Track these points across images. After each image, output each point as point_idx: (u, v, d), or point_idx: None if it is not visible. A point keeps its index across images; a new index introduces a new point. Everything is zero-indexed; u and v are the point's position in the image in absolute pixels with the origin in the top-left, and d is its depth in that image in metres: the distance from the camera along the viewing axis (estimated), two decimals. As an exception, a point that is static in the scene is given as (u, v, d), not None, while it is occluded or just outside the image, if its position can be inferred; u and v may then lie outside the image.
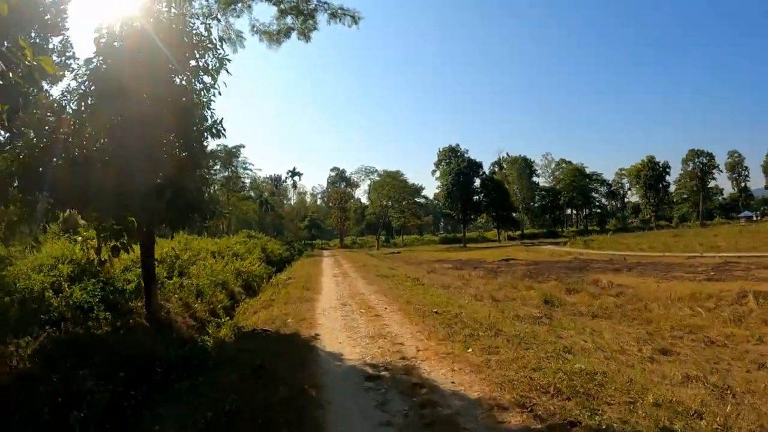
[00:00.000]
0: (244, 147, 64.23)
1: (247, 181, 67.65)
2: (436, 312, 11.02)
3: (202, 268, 18.77)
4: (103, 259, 11.23)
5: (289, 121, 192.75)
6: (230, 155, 63.21)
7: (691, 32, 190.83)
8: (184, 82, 9.95)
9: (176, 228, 11.57)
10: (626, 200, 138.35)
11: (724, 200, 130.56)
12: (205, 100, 10.40)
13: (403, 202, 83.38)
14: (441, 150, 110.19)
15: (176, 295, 13.67)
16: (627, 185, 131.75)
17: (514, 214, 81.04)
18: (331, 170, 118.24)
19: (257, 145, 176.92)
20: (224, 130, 10.60)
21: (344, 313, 11.78)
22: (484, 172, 78.00)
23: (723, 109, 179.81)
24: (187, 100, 9.70)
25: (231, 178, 64.70)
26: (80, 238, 11.56)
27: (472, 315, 11.00)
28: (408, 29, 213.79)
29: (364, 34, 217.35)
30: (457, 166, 75.34)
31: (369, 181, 77.56)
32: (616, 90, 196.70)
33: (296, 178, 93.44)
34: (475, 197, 73.17)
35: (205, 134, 10.43)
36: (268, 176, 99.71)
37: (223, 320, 12.45)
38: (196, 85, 9.92)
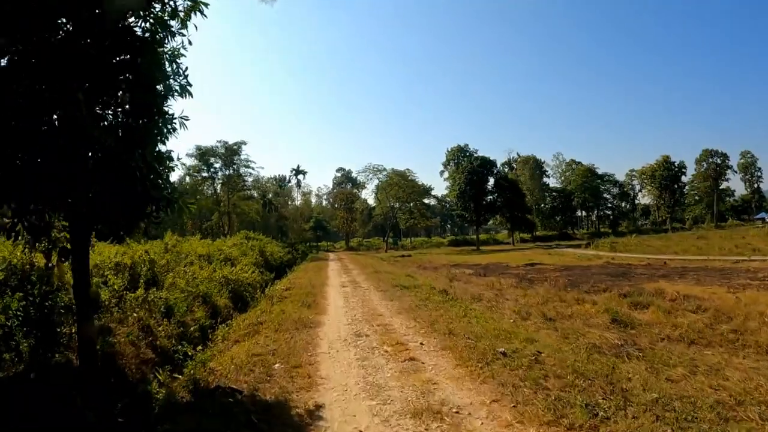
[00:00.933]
0: (245, 144, 60.76)
1: (249, 179, 63.91)
2: (502, 353, 7.21)
3: (181, 275, 15.14)
4: (51, 264, 7.86)
5: (293, 120, 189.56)
6: (231, 152, 59.59)
7: (704, 29, 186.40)
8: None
9: (123, 229, 7.87)
10: (636, 202, 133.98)
11: (735, 202, 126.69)
12: (168, 48, 6.84)
13: (411, 204, 79.52)
14: (449, 150, 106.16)
15: (135, 314, 10.01)
16: (637, 186, 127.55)
17: (528, 216, 76.72)
18: (337, 171, 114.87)
19: (261, 145, 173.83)
20: (191, 86, 6.96)
21: (360, 354, 7.98)
22: (498, 171, 73.22)
23: (731, 109, 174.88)
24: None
25: (232, 177, 61.07)
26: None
27: (556, 355, 7.24)
28: (417, 28, 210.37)
29: (370, 33, 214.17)
30: (470, 165, 70.74)
31: (377, 181, 73.28)
32: (625, 88, 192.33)
33: (300, 176, 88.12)
34: (489, 197, 68.35)
35: (168, 92, 6.82)
36: (272, 176, 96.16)
37: (190, 353, 8.82)
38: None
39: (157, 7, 6.41)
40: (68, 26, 5.77)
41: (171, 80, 6.74)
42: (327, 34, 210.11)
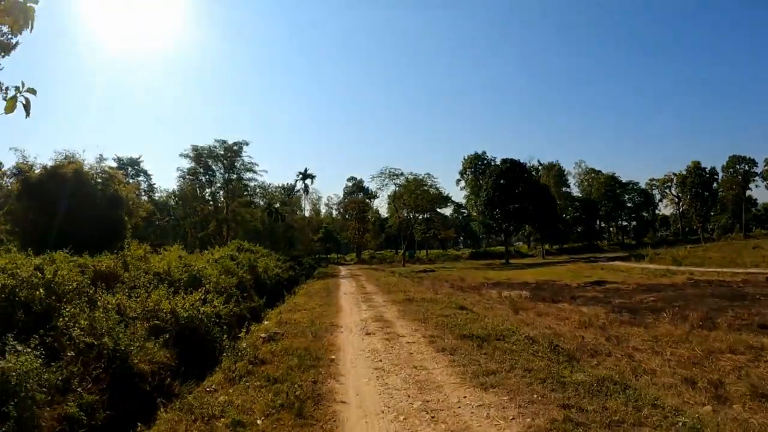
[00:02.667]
0: (247, 144, 53.24)
1: (252, 184, 56.30)
2: None
3: (84, 316, 7.90)
4: None
5: (301, 129, 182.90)
6: (231, 152, 52.25)
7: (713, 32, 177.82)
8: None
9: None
10: (657, 211, 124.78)
11: (758, 211, 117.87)
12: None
13: (428, 214, 71.64)
14: (466, 158, 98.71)
15: None
16: (658, 195, 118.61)
17: (559, 225, 68.33)
18: (348, 180, 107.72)
19: (268, 154, 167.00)
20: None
21: None
22: (530, 176, 64.15)
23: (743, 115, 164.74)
24: None
25: (232, 181, 53.67)
26: None
27: None
28: (425, 35, 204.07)
29: (377, 37, 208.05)
30: (498, 169, 62.09)
31: (393, 187, 65.06)
32: (635, 93, 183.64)
33: (308, 180, 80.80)
34: (518, 204, 59.15)
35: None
36: (280, 185, 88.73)
37: None
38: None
39: None
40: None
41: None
42: (339, 41, 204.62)
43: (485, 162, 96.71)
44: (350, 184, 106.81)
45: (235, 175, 53.61)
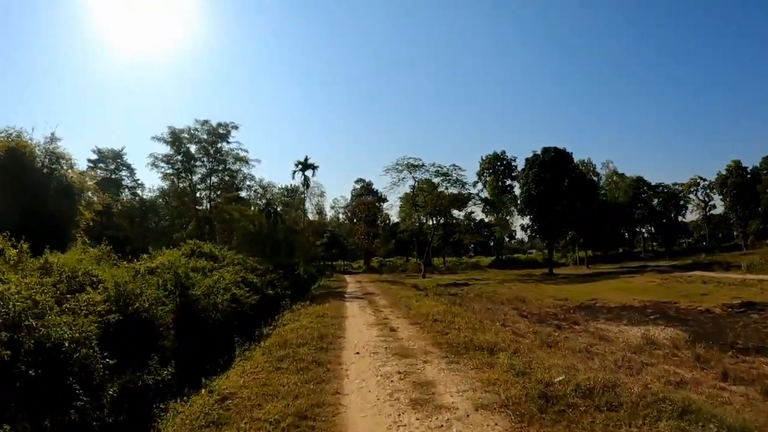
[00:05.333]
0: (236, 128, 42.71)
1: (240, 175, 45.33)
2: None
3: None
4: None
5: (307, 130, 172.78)
6: (216, 136, 41.79)
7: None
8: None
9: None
10: (680, 218, 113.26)
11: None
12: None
13: (451, 218, 60.83)
14: (484, 158, 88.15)
15: None
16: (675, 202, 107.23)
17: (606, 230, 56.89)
18: (356, 182, 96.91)
19: (271, 156, 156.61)
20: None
21: None
22: (577, 168, 51.76)
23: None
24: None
25: (216, 171, 43.17)
26: None
27: None
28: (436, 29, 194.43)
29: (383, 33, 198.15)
30: (540, 159, 49.29)
31: (412, 181, 52.76)
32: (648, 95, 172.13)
33: (309, 172, 65.72)
34: (562, 203, 46.78)
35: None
36: (283, 187, 77.87)
37: None
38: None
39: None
40: None
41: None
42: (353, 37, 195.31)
43: (505, 162, 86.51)
44: (358, 186, 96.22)
45: (220, 166, 43.09)
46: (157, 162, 41.04)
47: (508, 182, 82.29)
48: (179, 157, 41.69)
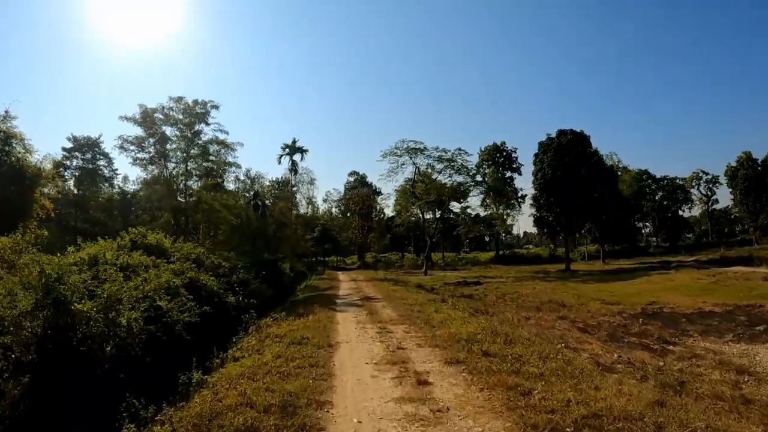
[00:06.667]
0: (217, 108, 37.29)
1: (218, 152, 39.27)
2: None
3: None
4: None
5: (300, 124, 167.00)
6: (192, 117, 36.39)
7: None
8: None
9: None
10: (681, 212, 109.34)
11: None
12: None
13: (447, 207, 55.73)
14: (483, 150, 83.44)
15: None
16: (681, 195, 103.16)
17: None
18: (349, 175, 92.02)
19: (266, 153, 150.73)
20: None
21: None
22: (596, 154, 44.96)
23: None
24: None
25: (193, 157, 37.76)
26: None
27: None
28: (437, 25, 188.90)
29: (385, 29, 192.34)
30: (556, 141, 44.18)
31: (412, 167, 46.50)
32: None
33: (297, 156, 59.13)
34: (581, 192, 40.72)
35: None
36: (274, 179, 72.10)
37: None
38: None
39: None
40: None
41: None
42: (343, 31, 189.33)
43: (505, 154, 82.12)
44: (352, 179, 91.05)
45: (198, 150, 37.65)
46: (126, 145, 35.60)
47: (509, 174, 78.08)
48: (151, 140, 36.31)
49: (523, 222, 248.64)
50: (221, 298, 11.72)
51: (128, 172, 74.12)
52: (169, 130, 36.69)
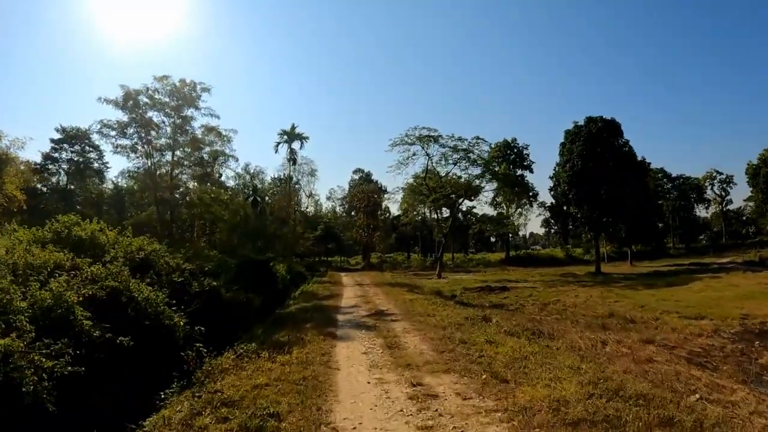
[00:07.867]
0: (208, 91, 33.22)
1: (209, 140, 34.98)
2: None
3: None
4: None
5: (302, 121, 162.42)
6: (181, 99, 32.38)
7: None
8: None
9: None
10: (695, 212, 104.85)
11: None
12: None
13: (457, 205, 51.46)
14: (494, 146, 79.35)
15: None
16: (693, 196, 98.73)
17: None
18: (354, 172, 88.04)
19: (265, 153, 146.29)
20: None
21: None
22: (626, 145, 39.98)
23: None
24: None
25: (181, 144, 33.64)
26: None
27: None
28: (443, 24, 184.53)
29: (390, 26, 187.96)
30: (586, 130, 39.29)
31: (424, 159, 41.36)
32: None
33: (296, 144, 52.85)
34: (611, 186, 34.93)
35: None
36: (276, 177, 67.66)
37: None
38: None
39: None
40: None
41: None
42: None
43: (516, 151, 78.11)
44: (357, 177, 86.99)
45: (188, 138, 33.59)
46: (105, 130, 31.55)
47: (520, 172, 74.23)
48: (134, 125, 32.26)
49: (529, 222, 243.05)
50: (160, 320, 7.66)
51: (113, 162, 70.20)
52: (155, 116, 32.70)
